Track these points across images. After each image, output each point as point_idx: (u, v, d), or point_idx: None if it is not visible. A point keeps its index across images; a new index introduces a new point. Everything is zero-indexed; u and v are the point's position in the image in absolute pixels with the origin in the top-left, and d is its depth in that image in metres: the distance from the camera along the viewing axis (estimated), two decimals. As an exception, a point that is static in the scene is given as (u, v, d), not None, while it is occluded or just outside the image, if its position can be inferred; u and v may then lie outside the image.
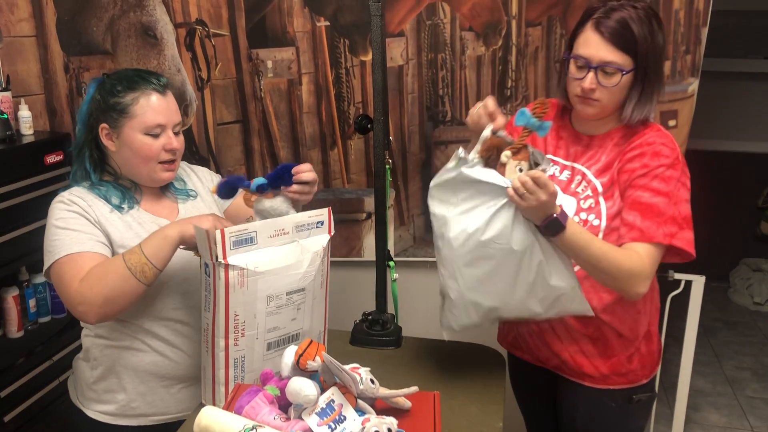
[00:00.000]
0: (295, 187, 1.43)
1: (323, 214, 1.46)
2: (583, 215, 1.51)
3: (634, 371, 1.58)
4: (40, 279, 2.17)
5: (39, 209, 1.98)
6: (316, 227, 1.45)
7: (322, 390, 1.21)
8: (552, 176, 1.55)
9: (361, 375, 1.25)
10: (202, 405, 1.42)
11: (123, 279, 1.38)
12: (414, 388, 1.30)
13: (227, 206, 1.69)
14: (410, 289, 2.31)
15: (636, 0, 1.44)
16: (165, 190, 1.63)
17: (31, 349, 2.08)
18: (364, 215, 2.33)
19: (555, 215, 1.34)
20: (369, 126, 1.79)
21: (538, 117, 1.34)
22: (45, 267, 1.48)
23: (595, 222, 1.49)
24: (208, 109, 2.25)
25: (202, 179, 1.72)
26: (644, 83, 1.44)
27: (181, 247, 1.42)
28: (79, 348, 1.66)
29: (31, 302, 2.15)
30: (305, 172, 1.44)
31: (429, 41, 2.17)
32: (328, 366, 1.23)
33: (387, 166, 1.77)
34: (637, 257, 1.41)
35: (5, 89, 2.09)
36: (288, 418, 1.20)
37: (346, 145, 2.27)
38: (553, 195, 1.31)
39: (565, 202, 1.51)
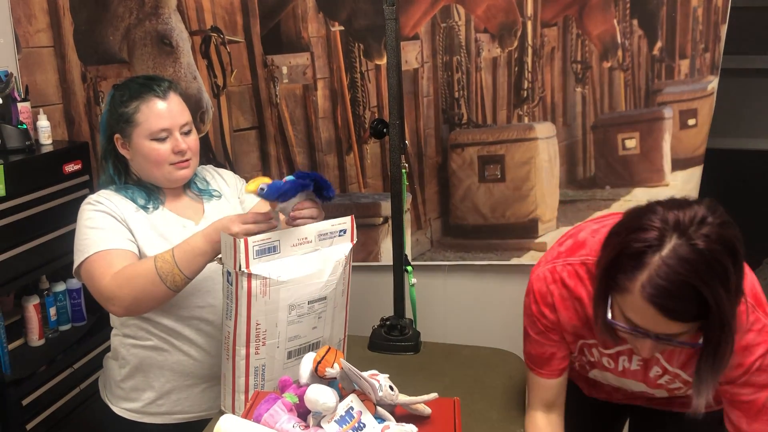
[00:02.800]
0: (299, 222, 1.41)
1: (346, 222, 1.44)
2: (680, 392, 1.32)
3: None
4: (60, 287, 2.19)
5: (58, 218, 2.01)
6: (339, 235, 1.44)
7: (341, 397, 1.21)
8: (625, 370, 1.32)
9: (380, 382, 1.24)
10: (222, 412, 1.42)
11: (153, 284, 1.41)
12: (434, 395, 1.29)
13: (252, 207, 1.70)
14: (428, 293, 2.30)
15: (698, 217, 1.02)
16: (187, 190, 1.66)
17: (53, 357, 2.09)
18: (381, 219, 2.33)
19: None
20: (384, 130, 1.78)
21: None
22: (75, 265, 1.51)
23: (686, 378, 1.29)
24: (224, 115, 2.26)
25: (228, 181, 1.74)
26: (719, 346, 1.06)
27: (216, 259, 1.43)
28: (100, 356, 1.67)
29: (52, 311, 2.17)
30: (306, 209, 1.41)
31: (444, 44, 2.16)
32: (347, 373, 1.22)
33: (403, 170, 1.76)
34: None
35: (24, 99, 2.11)
36: (307, 426, 1.19)
37: (362, 149, 2.27)
38: None
39: (652, 391, 1.35)
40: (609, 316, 1.11)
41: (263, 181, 1.35)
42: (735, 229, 1.04)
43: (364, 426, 1.18)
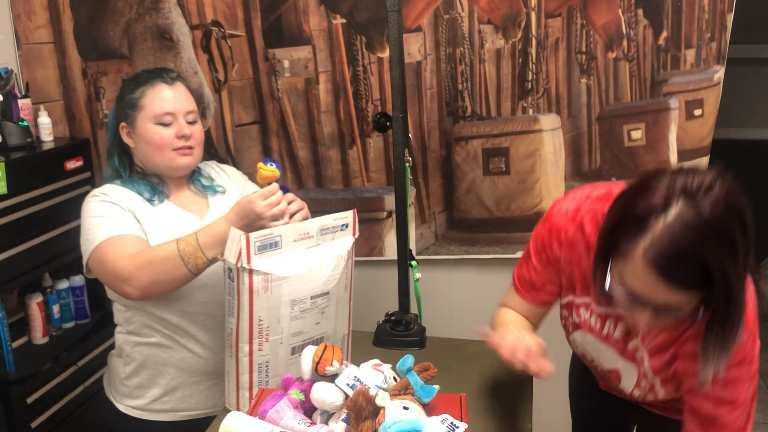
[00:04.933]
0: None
1: (348, 216, 1.44)
2: (645, 386, 1.28)
3: None
4: (63, 285, 2.18)
5: (60, 215, 2.01)
6: (341, 230, 1.43)
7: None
8: (608, 336, 1.28)
9: (385, 373, 1.23)
10: (227, 410, 1.41)
11: (174, 266, 1.40)
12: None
13: None
14: (433, 288, 2.28)
15: (705, 183, 0.98)
16: (191, 185, 1.65)
17: (56, 355, 2.09)
18: (385, 214, 2.31)
19: None
20: (388, 124, 1.77)
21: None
22: (85, 257, 1.50)
23: (660, 395, 1.28)
24: (226, 110, 2.24)
25: (231, 176, 1.74)
26: (726, 319, 1.02)
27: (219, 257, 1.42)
28: (104, 353, 1.66)
29: (55, 308, 2.16)
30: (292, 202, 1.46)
31: (447, 36, 2.14)
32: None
33: (407, 164, 1.74)
34: None
35: (25, 96, 2.10)
36: (312, 422, 1.18)
37: (365, 143, 2.25)
38: None
39: (624, 371, 1.29)
40: (608, 284, 1.07)
41: (268, 171, 1.42)
42: (743, 197, 0.99)
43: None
